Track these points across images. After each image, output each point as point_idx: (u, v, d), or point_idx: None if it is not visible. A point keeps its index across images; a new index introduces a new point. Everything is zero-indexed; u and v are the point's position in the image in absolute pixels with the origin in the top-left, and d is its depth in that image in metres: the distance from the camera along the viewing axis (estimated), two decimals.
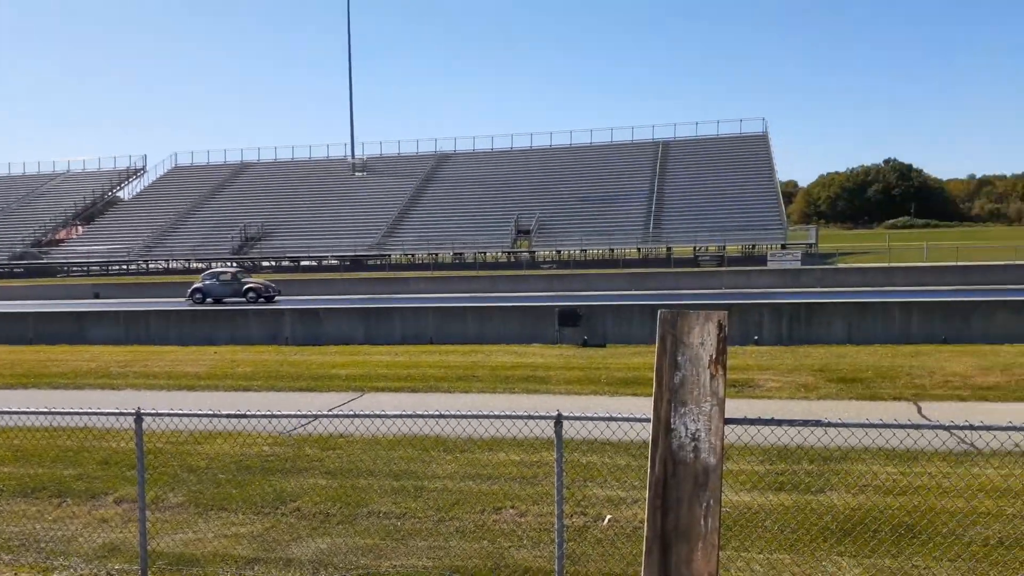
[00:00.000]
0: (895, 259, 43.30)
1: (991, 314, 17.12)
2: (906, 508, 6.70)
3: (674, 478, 4.69)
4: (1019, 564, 5.58)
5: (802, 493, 7.25)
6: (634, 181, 65.76)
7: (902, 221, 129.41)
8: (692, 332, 4.96)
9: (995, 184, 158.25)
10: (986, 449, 8.27)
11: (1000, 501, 6.82)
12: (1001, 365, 13.43)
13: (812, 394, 11.91)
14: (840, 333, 17.52)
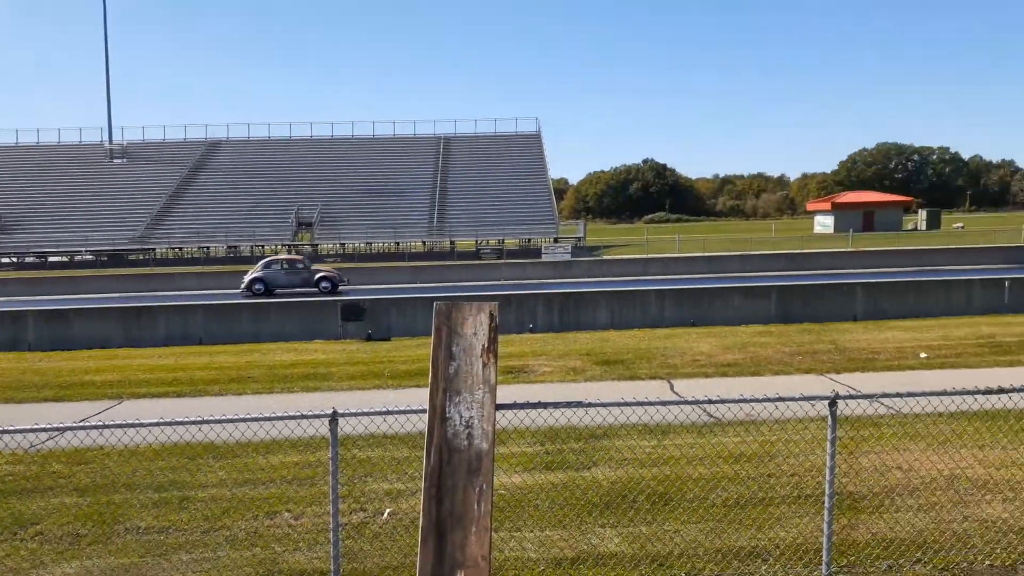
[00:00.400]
0: (652, 251, 47.29)
1: (729, 299, 19.29)
2: (660, 478, 7.37)
3: (449, 466, 4.79)
4: (751, 521, 6.34)
5: (570, 471, 7.72)
6: (418, 175, 66.02)
7: (659, 216, 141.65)
8: (466, 323, 5.10)
9: (735, 183, 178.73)
10: (725, 420, 9.32)
11: (736, 465, 7.71)
12: (739, 344, 15.17)
13: (580, 377, 12.70)
14: (604, 319, 18.85)
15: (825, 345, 14.83)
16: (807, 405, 5.23)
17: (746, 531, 6.13)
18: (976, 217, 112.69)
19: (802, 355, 13.96)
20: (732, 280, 27.17)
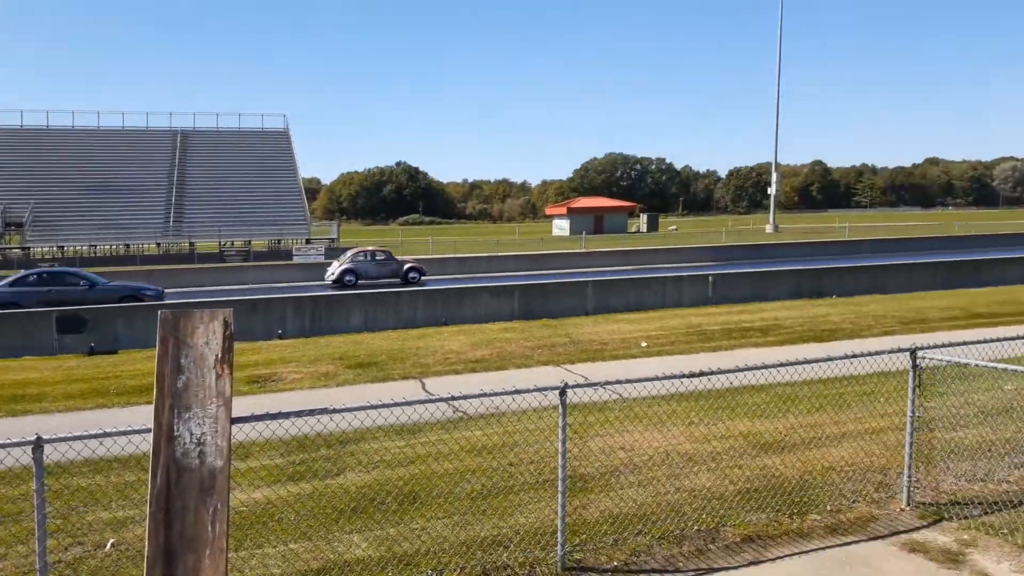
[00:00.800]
0: (407, 252, 47.67)
1: (478, 298, 20.04)
2: (408, 477, 7.46)
3: (178, 487, 4.47)
4: (495, 510, 6.64)
5: (318, 480, 7.55)
6: (151, 171, 60.40)
7: (412, 218, 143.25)
8: (196, 332, 4.78)
9: (483, 188, 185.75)
10: (472, 414, 9.67)
11: (481, 457, 8.02)
12: (487, 341, 15.80)
13: (332, 381, 12.47)
14: (358, 322, 18.67)
15: (562, 338, 15.92)
16: (551, 394, 5.58)
17: (489, 521, 6.41)
18: (687, 220, 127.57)
19: (542, 348, 14.86)
20: (480, 280, 28.23)
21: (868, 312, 18.70)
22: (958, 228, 63.36)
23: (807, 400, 9.84)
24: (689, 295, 21.97)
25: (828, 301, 21.57)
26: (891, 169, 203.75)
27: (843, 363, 6.88)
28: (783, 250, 42.78)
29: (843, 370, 9.07)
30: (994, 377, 10.27)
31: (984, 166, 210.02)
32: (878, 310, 19.03)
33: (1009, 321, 16.73)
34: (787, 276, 24.06)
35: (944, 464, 7.50)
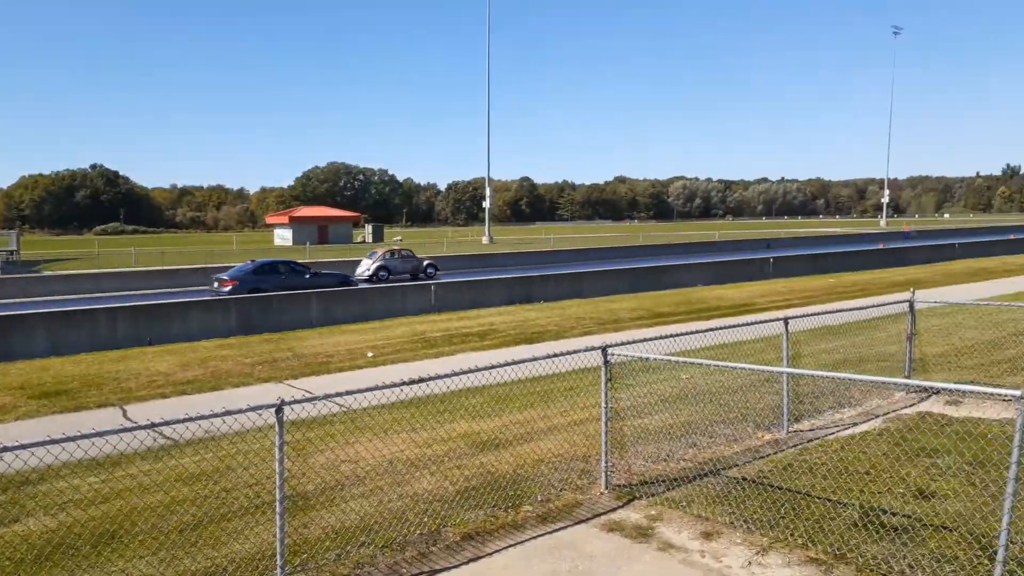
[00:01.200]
0: (105, 264, 42.84)
1: (188, 313, 18.60)
2: (105, 516, 6.71)
3: None
4: (208, 540, 6.22)
5: None
6: None
7: (112, 227, 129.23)
8: None
9: (195, 194, 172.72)
10: (183, 440, 8.96)
11: (195, 486, 7.47)
12: (199, 360, 14.73)
13: (10, 416, 10.81)
14: (44, 346, 16.39)
15: (285, 353, 15.37)
16: (266, 413, 5.34)
17: (202, 553, 5.99)
18: (411, 231, 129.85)
19: (263, 364, 14.21)
20: (191, 294, 26.21)
21: (571, 315, 20.47)
22: (642, 239, 71.66)
23: (519, 398, 10.53)
24: (414, 304, 22.38)
25: (536, 306, 23.25)
26: (588, 186, 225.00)
27: (549, 362, 7.47)
28: (498, 259, 45.24)
29: (549, 368, 9.85)
30: (672, 368, 11.80)
31: (661, 184, 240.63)
32: (579, 312, 20.91)
33: (684, 319, 19.33)
34: (501, 284, 25.50)
35: (634, 448, 8.45)
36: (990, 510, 6.13)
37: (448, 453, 8.52)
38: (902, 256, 40.49)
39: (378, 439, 8.83)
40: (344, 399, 6.34)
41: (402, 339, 17.01)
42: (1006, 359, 12.78)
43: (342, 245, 72.48)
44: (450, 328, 18.46)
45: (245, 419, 5.97)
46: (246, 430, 7.84)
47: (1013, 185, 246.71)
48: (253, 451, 8.20)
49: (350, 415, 9.87)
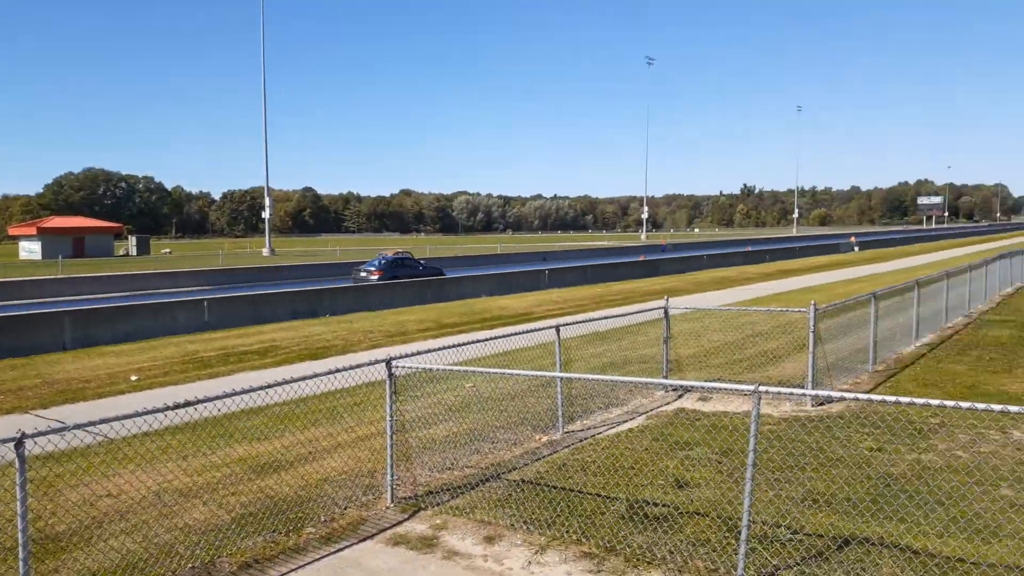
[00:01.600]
0: None
1: None
2: None
3: None
4: None
5: None
6: None
7: None
8: None
9: None
10: None
11: None
12: None
13: None
14: None
15: (32, 380, 13.70)
16: (3, 449, 4.74)
17: None
18: (182, 243, 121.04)
19: (5, 394, 12.57)
20: None
21: (358, 328, 20.19)
22: (429, 251, 72.39)
23: (303, 417, 10.22)
24: (184, 321, 20.85)
25: (322, 320, 22.66)
26: (374, 198, 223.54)
27: (336, 377, 7.33)
28: (281, 273, 43.50)
29: (335, 384, 9.66)
30: (458, 377, 12.05)
31: (446, 198, 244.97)
32: (367, 326, 20.68)
33: (469, 329, 19.79)
34: (284, 298, 24.55)
35: (420, 459, 8.52)
36: (734, 495, 6.90)
37: (224, 479, 8.05)
38: (659, 267, 44.37)
39: (143, 470, 8.14)
40: (101, 428, 5.78)
41: (172, 360, 15.80)
42: (746, 358, 14.46)
43: (102, 259, 65.80)
44: (227, 346, 17.44)
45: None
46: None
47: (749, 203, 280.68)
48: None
49: (110, 445, 9.00)
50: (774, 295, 27.59)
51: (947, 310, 17.84)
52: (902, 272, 36.01)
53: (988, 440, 8.64)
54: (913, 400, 5.07)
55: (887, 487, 7.19)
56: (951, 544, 5.90)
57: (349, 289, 27.45)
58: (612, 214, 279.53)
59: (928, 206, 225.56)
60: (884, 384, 11.85)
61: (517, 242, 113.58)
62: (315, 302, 24.87)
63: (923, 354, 14.27)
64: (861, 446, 8.53)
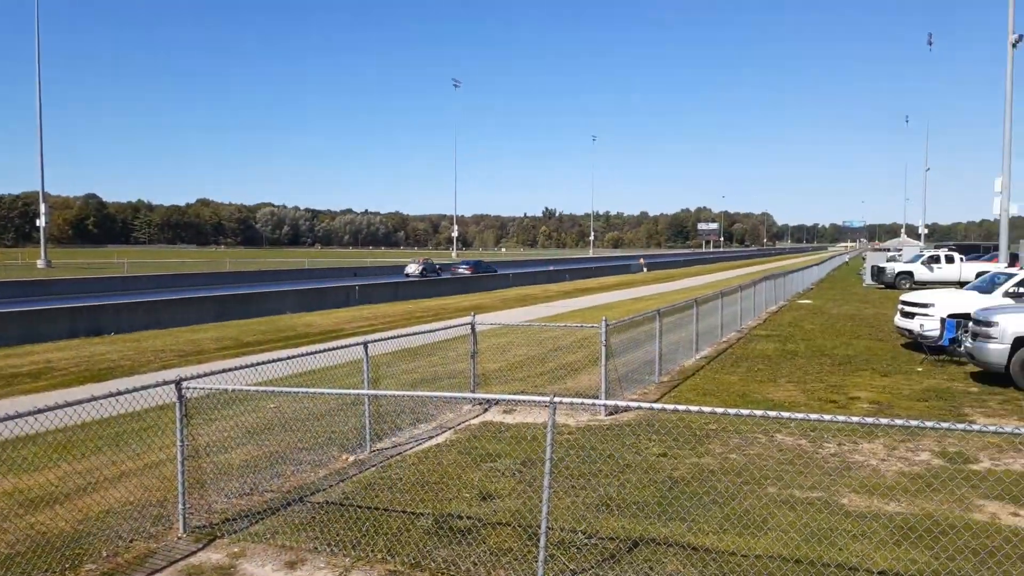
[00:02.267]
0: None
1: None
2: None
3: None
4: None
5: None
6: None
7: None
8: None
9: None
10: None
11: None
12: None
13: None
14: None
15: None
16: None
17: None
18: None
19: None
20: None
21: (148, 347, 18.74)
22: (229, 265, 68.74)
23: (83, 444, 9.34)
24: None
25: (107, 339, 20.79)
26: (167, 207, 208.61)
27: (121, 401, 6.76)
28: (58, 287, 39.36)
29: (121, 408, 8.91)
30: (260, 398, 11.56)
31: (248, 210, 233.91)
32: (158, 345, 19.25)
33: (272, 347, 19.03)
34: (62, 314, 22.25)
35: (216, 485, 8.08)
36: (535, 504, 7.20)
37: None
38: (469, 284, 45.20)
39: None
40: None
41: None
42: (548, 370, 15.12)
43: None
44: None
45: None
46: None
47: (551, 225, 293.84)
48: None
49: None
50: (573, 311, 29.06)
51: (722, 326, 19.73)
52: (684, 291, 39.26)
53: (756, 443, 9.66)
54: (691, 408, 5.59)
55: (671, 489, 7.82)
56: (726, 539, 6.53)
57: (139, 305, 25.39)
58: (423, 231, 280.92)
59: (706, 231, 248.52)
60: (669, 394, 12.88)
61: (326, 257, 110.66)
62: (99, 319, 22.75)
63: (702, 366, 15.67)
64: (649, 452, 9.22)
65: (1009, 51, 26.44)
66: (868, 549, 6.27)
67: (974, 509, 7.25)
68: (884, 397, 12.53)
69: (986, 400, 12.26)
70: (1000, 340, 13.03)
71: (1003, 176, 27.23)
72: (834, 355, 17.14)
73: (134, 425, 10.15)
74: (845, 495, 7.65)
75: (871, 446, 9.45)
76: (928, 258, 41.61)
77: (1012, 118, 26.72)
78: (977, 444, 9.44)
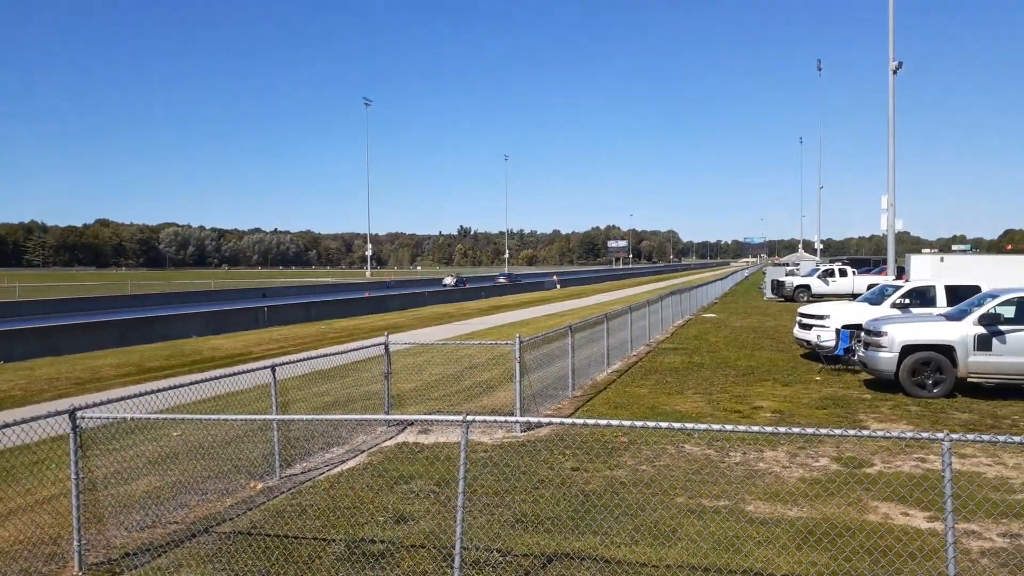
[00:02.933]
0: None
1: None
2: None
3: None
4: None
5: None
6: None
7: None
8: None
9: None
10: None
11: None
12: None
13: None
14: None
15: None
16: None
17: None
18: None
19: None
20: None
21: (42, 376, 17.72)
22: (131, 287, 65.83)
23: None
24: None
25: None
26: (63, 228, 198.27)
27: (13, 433, 6.38)
28: None
29: (9, 441, 8.40)
30: (162, 427, 11.11)
31: (151, 230, 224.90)
32: (53, 372, 18.23)
33: (177, 372, 18.30)
34: None
35: (116, 519, 7.70)
36: (450, 524, 7.17)
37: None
38: (384, 303, 44.75)
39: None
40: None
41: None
42: (464, 389, 15.10)
43: None
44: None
45: None
46: None
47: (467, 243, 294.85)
48: None
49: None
50: (489, 328, 29.14)
51: (632, 340, 20.19)
52: (596, 306, 39.99)
53: (665, 454, 9.91)
54: (600, 421, 5.71)
55: (584, 503, 7.93)
56: (637, 551, 6.67)
57: (31, 331, 24.00)
58: (336, 250, 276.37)
59: (616, 249, 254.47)
60: (582, 408, 13.07)
61: (234, 278, 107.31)
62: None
63: (614, 380, 15.98)
64: (563, 467, 9.33)
65: (890, 77, 28.24)
66: (772, 554, 6.52)
67: (869, 511, 7.64)
68: (786, 406, 13.08)
69: (878, 406, 12.97)
70: (889, 349, 13.82)
71: (888, 194, 28.98)
72: (738, 366, 17.79)
73: (25, 459, 9.56)
74: (750, 502, 7.93)
75: (774, 454, 9.84)
76: (823, 272, 43.74)
77: (895, 140, 28.50)
78: (871, 448, 9.97)
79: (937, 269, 28.60)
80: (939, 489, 5.40)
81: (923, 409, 12.65)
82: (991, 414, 12.23)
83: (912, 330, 13.95)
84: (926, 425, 11.51)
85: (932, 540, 6.74)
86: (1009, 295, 13.61)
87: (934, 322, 14.20)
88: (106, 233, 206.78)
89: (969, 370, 13.40)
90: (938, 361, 13.52)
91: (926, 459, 9.46)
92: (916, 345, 13.69)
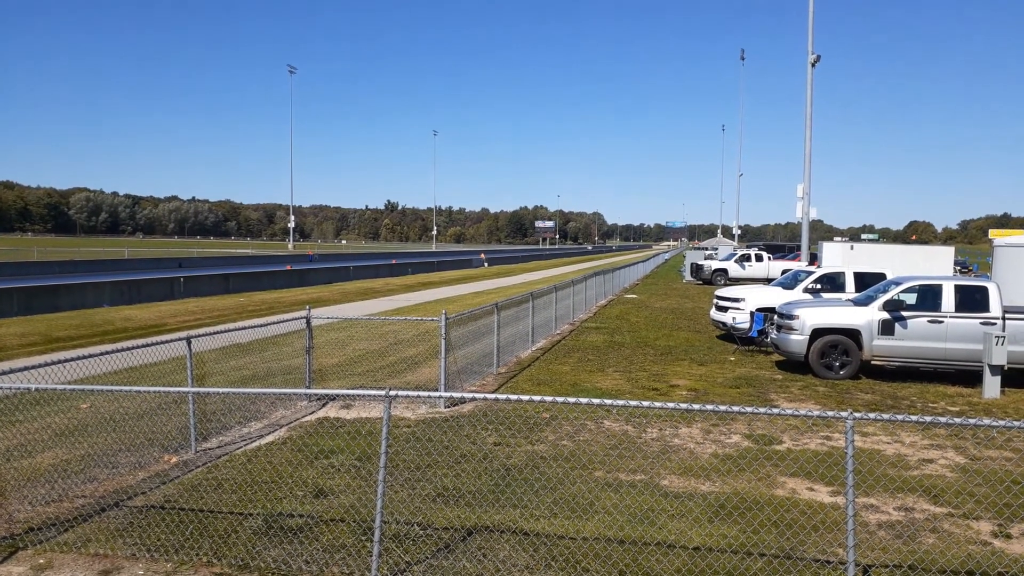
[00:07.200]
0: None
1: None
2: None
3: None
4: None
5: None
6: None
7: None
8: None
9: None
10: None
11: None
12: None
13: None
14: None
15: None
16: None
17: None
18: None
19: None
20: None
21: None
22: (37, 254, 62.62)
23: None
24: None
25: None
26: None
27: None
28: None
29: None
30: (70, 398, 10.67)
31: (60, 194, 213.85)
32: None
33: (87, 343, 17.56)
34: None
35: (19, 493, 7.39)
36: (371, 498, 7.16)
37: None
38: (307, 277, 43.86)
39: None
40: None
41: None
42: (388, 364, 15.02)
43: None
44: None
45: None
46: None
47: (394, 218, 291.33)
48: None
49: None
50: (415, 305, 28.98)
51: (556, 319, 20.44)
52: (523, 285, 40.24)
53: (585, 430, 10.12)
54: (523, 397, 5.78)
55: (505, 477, 8.04)
56: (556, 523, 6.81)
57: None
58: (257, 221, 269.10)
59: (543, 229, 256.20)
60: (506, 384, 13.19)
61: (149, 247, 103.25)
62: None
63: (537, 357, 16.17)
64: (485, 442, 9.41)
65: (808, 70, 29.19)
66: (685, 527, 6.77)
67: (777, 486, 8.00)
68: (701, 384, 13.52)
69: (788, 386, 13.54)
70: (800, 332, 14.43)
71: (804, 183, 30.05)
72: (657, 346, 18.25)
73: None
74: (665, 477, 8.20)
75: (689, 430, 10.17)
76: (740, 256, 45.15)
77: (812, 130, 29.55)
78: (780, 426, 10.42)
79: (847, 256, 29.92)
80: (842, 465, 5.70)
81: (830, 390, 13.28)
82: (891, 395, 12.94)
83: (822, 314, 14.58)
84: (832, 405, 12.08)
85: (834, 513, 7.11)
86: (911, 283, 14.37)
87: (842, 307, 14.88)
88: (10, 196, 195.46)
89: (873, 353, 14.12)
90: (845, 344, 14.19)
91: (831, 437, 9.95)
92: (825, 329, 14.33)
